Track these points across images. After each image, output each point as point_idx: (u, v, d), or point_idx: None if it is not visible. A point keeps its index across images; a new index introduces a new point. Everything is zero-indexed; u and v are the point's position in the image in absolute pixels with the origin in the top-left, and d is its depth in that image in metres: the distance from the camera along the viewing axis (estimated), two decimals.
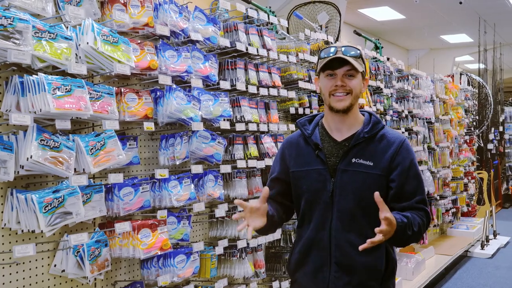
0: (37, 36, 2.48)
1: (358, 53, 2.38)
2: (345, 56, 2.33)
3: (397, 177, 2.36)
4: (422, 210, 2.38)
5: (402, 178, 2.36)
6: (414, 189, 2.38)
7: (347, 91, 2.36)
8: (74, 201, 2.61)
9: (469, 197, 9.65)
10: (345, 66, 2.34)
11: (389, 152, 2.39)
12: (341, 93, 2.36)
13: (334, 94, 2.37)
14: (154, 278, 3.18)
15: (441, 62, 13.67)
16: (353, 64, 2.33)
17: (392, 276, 2.49)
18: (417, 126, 6.79)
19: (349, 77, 2.36)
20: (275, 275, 4.36)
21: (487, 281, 7.11)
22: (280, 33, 4.89)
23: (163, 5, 3.27)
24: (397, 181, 2.36)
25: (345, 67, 2.34)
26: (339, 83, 2.35)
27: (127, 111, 3.02)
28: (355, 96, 2.39)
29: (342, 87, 2.35)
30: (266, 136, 4.12)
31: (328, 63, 2.35)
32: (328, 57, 2.36)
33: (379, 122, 2.47)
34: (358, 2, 9.74)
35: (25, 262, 2.66)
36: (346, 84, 2.35)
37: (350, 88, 2.36)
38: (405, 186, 2.37)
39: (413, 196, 2.38)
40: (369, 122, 2.46)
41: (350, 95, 2.36)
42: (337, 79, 2.36)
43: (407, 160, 2.39)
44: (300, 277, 2.52)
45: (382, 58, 6.38)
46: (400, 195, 2.37)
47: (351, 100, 2.37)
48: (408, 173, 2.38)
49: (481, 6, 10.08)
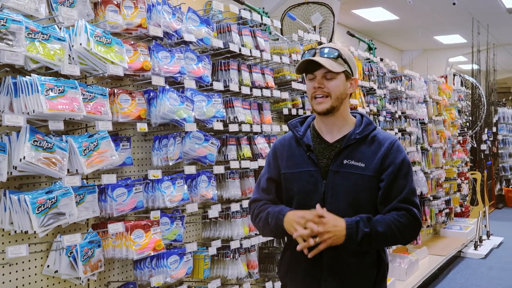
0: (30, 37, 2.48)
1: (335, 54, 2.35)
2: (321, 58, 2.32)
3: (386, 177, 2.33)
4: (404, 209, 2.31)
5: (390, 178, 2.33)
6: (401, 189, 2.33)
7: (325, 93, 2.34)
8: (67, 202, 2.62)
9: (463, 198, 9.68)
10: (322, 68, 2.33)
11: (380, 153, 2.36)
12: (320, 96, 2.35)
13: (315, 97, 2.37)
14: (147, 278, 3.18)
15: (434, 63, 13.73)
16: (327, 66, 2.31)
17: (383, 279, 2.47)
18: (410, 127, 6.81)
19: (328, 79, 2.35)
20: (268, 276, 4.36)
21: (480, 281, 7.14)
22: (273, 34, 4.90)
23: (156, 6, 3.28)
24: (385, 180, 2.33)
25: (322, 69, 2.33)
26: (316, 85, 2.34)
27: (120, 112, 3.03)
28: (336, 98, 2.36)
29: (319, 88, 2.34)
30: (259, 137, 4.13)
31: (302, 65, 2.36)
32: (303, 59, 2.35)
33: (370, 123, 2.45)
34: (352, 3, 9.77)
35: (18, 262, 2.66)
36: (324, 86, 2.34)
37: (328, 90, 2.34)
38: (393, 186, 2.33)
39: (399, 195, 2.33)
40: (360, 123, 2.45)
41: (330, 98, 2.35)
42: (315, 81, 2.36)
43: (397, 161, 2.36)
44: (291, 281, 2.51)
45: (376, 59, 6.39)
46: (387, 195, 2.33)
47: (331, 102, 2.35)
48: (398, 173, 2.34)
49: (475, 7, 10.13)
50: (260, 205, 2.53)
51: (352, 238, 2.23)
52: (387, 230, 2.26)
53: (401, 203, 2.32)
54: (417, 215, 2.33)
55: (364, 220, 2.26)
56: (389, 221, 2.28)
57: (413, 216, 2.32)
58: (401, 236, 2.31)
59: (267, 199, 2.54)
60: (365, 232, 2.23)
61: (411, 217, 2.31)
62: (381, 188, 2.34)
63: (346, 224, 2.24)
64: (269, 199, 2.54)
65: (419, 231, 2.46)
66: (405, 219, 2.30)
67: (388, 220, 2.28)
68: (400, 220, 2.29)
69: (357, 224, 2.24)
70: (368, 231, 2.24)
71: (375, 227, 2.25)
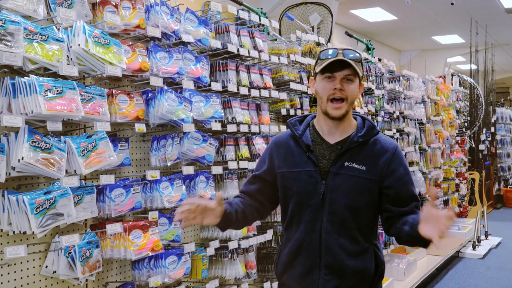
0: (28, 38, 2.49)
1: (358, 57, 2.34)
2: (347, 59, 2.29)
3: (394, 184, 2.37)
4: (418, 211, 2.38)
5: (398, 184, 2.38)
6: (410, 194, 2.40)
7: (344, 95, 2.31)
8: (66, 203, 2.62)
9: (461, 198, 9.69)
10: (345, 69, 2.29)
11: (383, 158, 2.38)
12: (338, 98, 2.31)
13: (332, 100, 2.33)
14: (145, 279, 3.18)
15: (433, 63, 13.75)
16: (355, 67, 2.29)
17: (380, 278, 2.49)
18: (408, 127, 6.81)
19: (348, 81, 2.32)
20: (266, 276, 4.37)
21: (478, 281, 7.15)
22: (271, 35, 4.90)
23: (155, 7, 3.28)
24: (394, 187, 2.37)
25: (345, 70, 2.30)
26: (338, 86, 2.30)
27: (118, 113, 3.03)
28: (351, 102, 2.35)
29: (340, 90, 2.30)
30: (257, 137, 4.13)
31: (329, 65, 2.30)
32: (329, 58, 2.30)
33: (374, 127, 2.45)
34: (350, 3, 9.76)
35: (16, 263, 2.67)
36: (344, 88, 2.31)
37: (347, 94, 2.31)
38: (402, 192, 2.38)
39: (410, 200, 2.39)
40: (362, 126, 2.44)
41: (346, 102, 2.33)
42: (336, 82, 2.30)
43: (401, 167, 2.40)
44: (288, 280, 2.50)
45: (374, 59, 6.40)
46: (398, 200, 2.38)
47: (347, 107, 2.34)
48: (403, 179, 2.39)
49: (473, 7, 10.12)
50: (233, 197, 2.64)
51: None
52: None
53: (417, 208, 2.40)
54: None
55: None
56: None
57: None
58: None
59: (245, 192, 2.61)
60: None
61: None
62: (389, 195, 2.38)
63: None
64: (247, 193, 2.59)
65: None
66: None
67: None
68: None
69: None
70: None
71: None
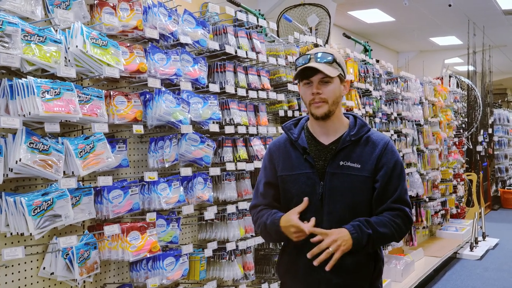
0: (26, 40, 2.48)
1: (331, 59, 2.40)
2: (318, 63, 2.36)
3: (381, 178, 2.41)
4: (397, 209, 2.41)
5: (385, 178, 2.41)
6: (394, 189, 2.42)
7: (323, 99, 2.39)
8: (63, 204, 2.62)
9: (458, 199, 9.69)
10: (319, 73, 2.37)
11: (375, 153, 2.43)
12: (318, 101, 2.39)
13: (312, 103, 2.41)
14: (143, 280, 3.18)
15: (430, 64, 13.74)
16: (325, 72, 2.35)
17: (380, 275, 2.54)
18: (406, 129, 6.82)
19: (325, 84, 2.39)
20: (264, 277, 4.37)
21: (476, 282, 7.16)
22: (269, 36, 4.91)
23: (152, 8, 3.28)
24: (380, 181, 2.41)
25: (319, 74, 2.37)
26: (314, 91, 2.39)
27: (116, 114, 3.03)
28: (333, 102, 2.42)
29: (317, 95, 2.38)
30: (255, 139, 4.13)
31: (301, 72, 2.40)
32: (301, 66, 2.40)
33: (365, 125, 2.51)
34: (348, 5, 9.76)
35: (14, 265, 2.66)
36: (322, 91, 2.38)
37: (325, 96, 2.39)
38: (387, 187, 2.41)
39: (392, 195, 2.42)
40: (354, 125, 2.50)
41: (327, 103, 2.40)
42: (313, 87, 2.39)
43: (391, 161, 2.44)
44: (290, 280, 2.54)
45: (371, 60, 6.40)
46: (382, 195, 2.41)
47: (329, 107, 2.41)
48: (392, 173, 2.42)
49: (470, 8, 10.13)
50: (257, 211, 2.59)
51: (359, 241, 2.32)
52: (386, 230, 2.37)
53: (395, 204, 2.42)
54: (409, 214, 2.46)
55: (364, 223, 2.35)
56: (386, 222, 2.38)
57: (406, 215, 2.44)
58: (398, 235, 2.43)
59: (265, 204, 2.59)
60: (368, 233, 2.33)
61: (404, 216, 2.43)
62: (376, 189, 2.41)
63: (348, 229, 2.33)
64: (267, 204, 2.58)
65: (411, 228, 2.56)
66: (400, 219, 2.42)
67: (385, 221, 2.39)
68: (396, 220, 2.40)
69: (359, 227, 2.34)
70: (371, 233, 2.33)
71: (375, 228, 2.35)
